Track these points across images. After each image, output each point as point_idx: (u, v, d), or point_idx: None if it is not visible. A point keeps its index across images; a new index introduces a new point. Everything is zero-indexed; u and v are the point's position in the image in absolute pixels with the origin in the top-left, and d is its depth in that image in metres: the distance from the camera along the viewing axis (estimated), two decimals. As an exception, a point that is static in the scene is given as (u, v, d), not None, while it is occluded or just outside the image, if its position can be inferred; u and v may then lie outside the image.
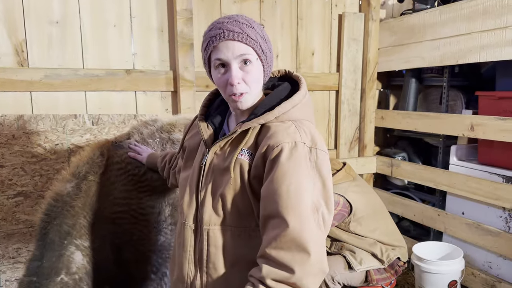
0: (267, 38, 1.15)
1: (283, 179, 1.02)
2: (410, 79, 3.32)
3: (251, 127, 1.13)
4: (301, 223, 1.00)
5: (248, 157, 1.12)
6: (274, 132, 1.09)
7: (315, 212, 1.04)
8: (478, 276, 2.69)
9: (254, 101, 1.17)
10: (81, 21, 2.47)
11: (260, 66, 1.14)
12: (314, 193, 1.05)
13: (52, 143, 2.37)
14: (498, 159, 2.62)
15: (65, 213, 1.55)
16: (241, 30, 1.08)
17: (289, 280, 0.98)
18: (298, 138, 1.07)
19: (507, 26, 2.37)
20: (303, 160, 1.05)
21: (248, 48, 1.09)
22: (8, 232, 2.32)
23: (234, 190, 1.12)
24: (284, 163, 1.03)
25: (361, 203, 2.33)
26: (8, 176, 2.28)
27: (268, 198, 1.04)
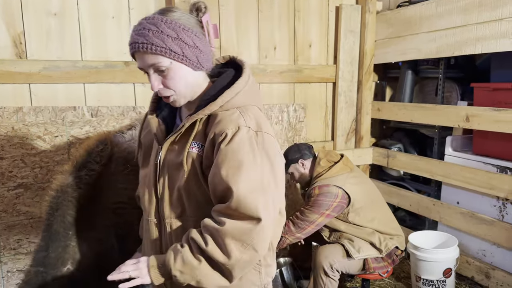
0: (184, 35, 1.09)
1: (223, 162, 1.06)
2: (406, 71, 3.35)
3: (198, 119, 1.14)
4: (247, 192, 1.05)
5: (198, 148, 1.14)
6: (219, 121, 1.11)
7: (263, 190, 1.08)
8: (473, 264, 2.75)
9: (191, 96, 1.17)
10: (79, 12, 2.46)
11: (180, 66, 1.11)
12: (263, 174, 1.09)
13: (52, 135, 2.37)
14: (493, 150, 2.67)
15: (68, 204, 1.56)
16: (146, 40, 1.05)
17: (218, 232, 1.06)
18: (242, 123, 1.10)
19: (503, 18, 2.40)
20: (247, 143, 1.08)
21: (156, 57, 1.07)
22: (9, 223, 2.33)
23: (190, 183, 1.15)
24: (226, 148, 1.07)
25: (359, 194, 2.36)
26: (8, 168, 2.28)
27: (213, 182, 1.09)
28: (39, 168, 2.36)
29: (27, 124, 2.32)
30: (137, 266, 1.11)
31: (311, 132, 3.36)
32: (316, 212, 2.28)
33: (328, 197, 2.29)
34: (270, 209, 1.09)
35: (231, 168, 1.05)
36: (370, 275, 2.44)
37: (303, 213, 2.31)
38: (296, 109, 3.17)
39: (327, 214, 2.29)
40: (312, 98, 3.32)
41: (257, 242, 1.06)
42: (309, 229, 2.30)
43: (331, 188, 2.30)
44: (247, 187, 1.05)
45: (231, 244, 1.04)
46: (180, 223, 1.18)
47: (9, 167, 2.29)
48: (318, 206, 2.28)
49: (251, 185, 1.06)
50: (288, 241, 2.33)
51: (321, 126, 3.42)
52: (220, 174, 1.06)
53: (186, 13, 1.14)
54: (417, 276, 2.64)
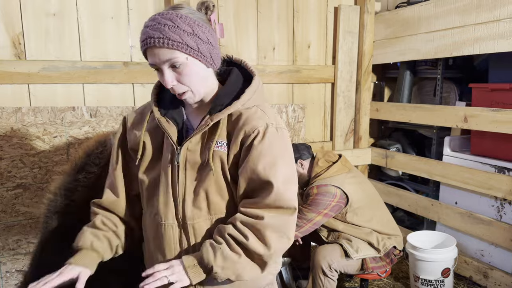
0: (199, 31, 1.09)
1: (259, 158, 1.12)
2: (404, 72, 3.35)
3: (222, 118, 1.15)
4: (283, 184, 1.12)
5: (224, 147, 1.16)
6: (247, 118, 1.15)
7: (293, 183, 1.18)
8: (471, 263, 2.76)
9: (204, 93, 1.17)
10: (78, 13, 2.47)
11: (195, 62, 1.11)
12: (290, 167, 1.18)
13: (51, 135, 2.38)
14: (491, 150, 2.68)
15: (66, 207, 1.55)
16: (162, 35, 1.04)
17: (257, 225, 1.11)
18: (268, 120, 1.16)
19: (501, 19, 2.41)
20: (276, 139, 1.15)
21: (173, 52, 1.06)
22: (8, 224, 2.33)
23: (216, 181, 1.16)
24: (260, 144, 1.12)
25: (357, 194, 2.37)
26: (7, 168, 2.29)
27: (246, 177, 1.13)
28: (38, 169, 2.36)
29: (26, 124, 2.32)
30: (173, 270, 1.11)
31: (310, 132, 3.37)
32: (314, 211, 2.29)
33: (326, 196, 2.29)
34: (297, 199, 1.18)
35: (268, 163, 1.11)
36: (368, 275, 2.45)
37: (301, 212, 2.31)
38: (295, 109, 3.18)
39: (325, 213, 2.30)
40: (311, 98, 3.33)
41: (290, 231, 1.15)
42: (306, 228, 2.31)
43: (330, 188, 2.31)
44: (283, 179, 1.12)
45: (271, 236, 1.10)
46: (203, 223, 1.18)
47: (8, 168, 2.29)
48: (316, 205, 2.29)
49: (285, 178, 1.13)
50: (285, 240, 2.34)
51: (320, 126, 3.43)
52: (257, 169, 1.11)
53: (196, 10, 1.15)
54: (415, 276, 2.65)
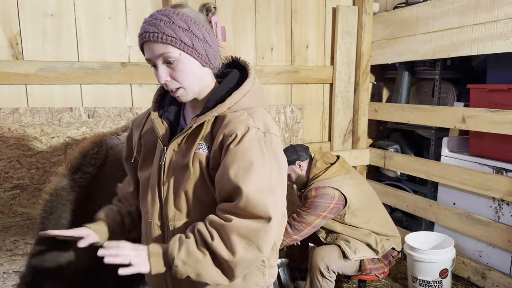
0: (195, 28, 1.09)
1: (233, 162, 1.06)
2: (403, 72, 3.36)
3: (205, 120, 1.14)
4: (256, 192, 1.04)
5: (205, 150, 1.14)
6: (228, 121, 1.12)
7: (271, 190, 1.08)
8: (469, 264, 2.76)
9: (198, 92, 1.17)
10: (76, 13, 2.46)
11: (189, 59, 1.11)
12: (271, 174, 1.09)
13: (48, 136, 2.37)
14: (489, 151, 2.68)
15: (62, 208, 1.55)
16: (157, 30, 1.06)
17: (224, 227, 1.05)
18: (251, 124, 1.10)
19: (498, 19, 2.41)
20: (256, 143, 1.09)
21: (166, 47, 1.07)
22: (5, 225, 2.33)
23: (196, 184, 1.14)
24: (236, 148, 1.07)
25: (355, 196, 2.37)
26: (4, 169, 2.28)
27: (221, 182, 1.09)
28: (36, 169, 2.36)
29: (23, 125, 2.31)
30: (137, 253, 1.06)
31: (308, 133, 3.37)
32: (313, 214, 2.28)
33: (324, 198, 2.29)
34: (277, 210, 1.09)
35: (241, 168, 1.05)
36: (366, 276, 2.45)
37: (299, 215, 2.31)
38: (293, 110, 3.18)
39: (324, 215, 2.29)
40: (309, 99, 3.33)
41: (262, 242, 1.06)
42: (306, 231, 2.31)
43: (328, 189, 2.31)
44: (257, 186, 1.05)
45: (236, 241, 1.03)
46: (184, 225, 1.17)
47: (5, 168, 2.28)
48: (314, 208, 2.28)
49: (261, 185, 1.06)
50: (284, 243, 2.34)
51: (318, 127, 3.43)
52: (228, 173, 1.06)
53: (197, 11, 1.16)
54: (413, 277, 2.65)
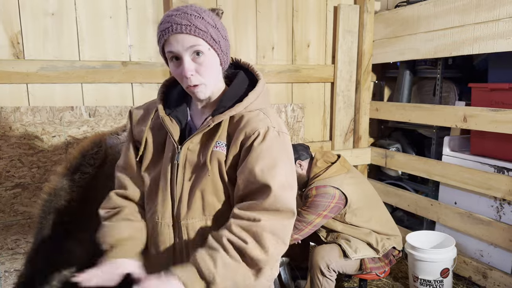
0: (220, 27, 1.14)
1: (258, 160, 1.10)
2: (404, 71, 3.35)
3: (223, 119, 1.16)
4: (281, 188, 1.09)
5: (223, 148, 1.16)
6: (248, 120, 1.15)
7: (292, 187, 1.14)
8: (470, 264, 2.76)
9: (213, 91, 1.18)
10: (76, 12, 2.46)
11: (214, 55, 1.13)
12: (289, 172, 1.14)
13: (49, 135, 2.38)
14: (490, 150, 2.67)
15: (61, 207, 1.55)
16: (189, 22, 1.07)
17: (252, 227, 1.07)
18: (269, 123, 1.15)
19: (500, 18, 2.40)
20: (275, 142, 1.13)
21: (197, 39, 1.08)
22: (7, 223, 2.34)
23: (213, 183, 1.15)
24: (260, 146, 1.11)
25: (356, 195, 2.36)
26: (5, 168, 2.29)
27: (244, 178, 1.11)
28: (37, 168, 2.36)
29: (24, 124, 2.32)
30: (170, 286, 0.99)
31: (309, 132, 3.36)
32: (313, 213, 2.28)
33: (325, 198, 2.29)
34: (295, 204, 1.15)
35: (266, 166, 1.09)
36: (367, 275, 2.45)
37: (300, 214, 2.31)
38: (294, 109, 3.18)
39: (324, 215, 2.29)
40: (310, 98, 3.33)
41: (286, 236, 1.11)
42: (306, 230, 2.30)
43: (328, 189, 2.30)
44: (281, 183, 1.09)
45: (268, 239, 1.06)
46: (197, 223, 1.17)
47: (7, 167, 2.29)
48: (315, 207, 2.28)
49: (284, 181, 1.10)
50: (285, 242, 2.33)
51: (319, 126, 3.43)
52: (255, 171, 1.09)
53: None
54: (414, 276, 2.65)
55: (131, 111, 1.35)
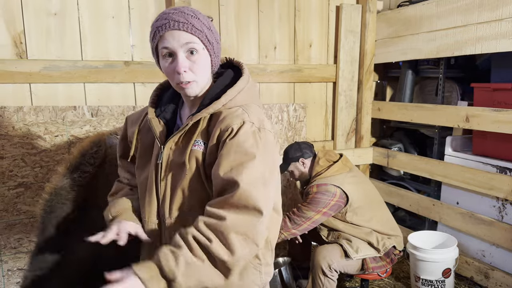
0: (213, 29, 1.17)
1: (228, 155, 1.08)
2: (406, 71, 3.34)
3: (201, 118, 1.16)
4: (250, 184, 1.05)
5: (202, 146, 1.16)
6: (224, 117, 1.14)
7: (265, 184, 1.09)
8: (472, 264, 2.75)
9: (202, 90, 1.20)
10: (79, 12, 2.47)
11: (207, 55, 1.16)
12: (265, 168, 1.10)
13: (52, 134, 2.39)
14: (492, 150, 2.67)
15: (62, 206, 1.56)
16: (186, 20, 1.10)
17: (219, 225, 1.03)
18: (246, 118, 1.13)
19: (503, 18, 2.39)
20: (251, 137, 1.11)
21: (193, 37, 1.11)
22: (10, 222, 2.35)
23: (192, 181, 1.16)
24: (231, 141, 1.10)
25: (357, 194, 2.37)
26: (8, 167, 2.30)
27: (216, 174, 1.09)
28: (40, 168, 2.37)
29: (27, 123, 2.33)
30: (129, 285, 0.98)
31: (311, 132, 3.36)
32: (313, 209, 2.29)
33: (326, 195, 2.29)
34: (269, 203, 1.11)
35: (236, 160, 1.07)
36: (369, 275, 2.45)
37: (300, 209, 2.32)
38: (296, 108, 3.18)
39: (324, 212, 2.30)
40: (312, 97, 3.33)
41: (257, 235, 1.06)
42: (304, 226, 2.31)
43: (329, 187, 2.31)
44: (251, 179, 1.06)
45: (234, 239, 1.02)
46: (180, 223, 1.18)
47: (10, 167, 2.30)
48: (315, 204, 2.29)
49: (255, 178, 1.07)
50: (283, 236, 2.34)
51: (321, 125, 3.43)
52: (224, 166, 1.07)
53: None
54: (416, 276, 2.65)
55: (127, 117, 1.42)
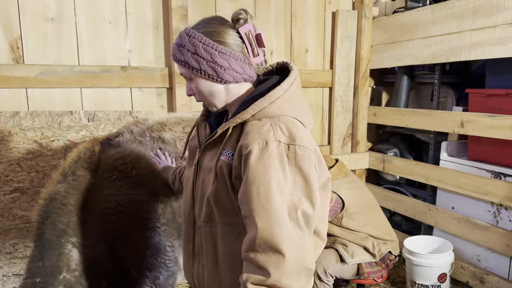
0: (201, 49, 1.12)
1: (253, 181, 1.02)
2: (402, 76, 3.36)
3: (229, 127, 1.12)
4: (271, 224, 0.99)
5: (229, 157, 1.12)
6: (247, 133, 1.08)
7: (292, 212, 1.01)
8: (467, 269, 2.76)
9: (218, 106, 1.20)
10: (76, 17, 2.48)
11: (202, 78, 1.15)
12: (294, 192, 1.03)
13: (48, 139, 2.38)
14: (487, 155, 2.68)
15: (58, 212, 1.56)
16: (173, 52, 1.17)
17: (266, 282, 0.97)
18: (271, 137, 1.05)
19: (497, 25, 2.42)
20: (276, 159, 1.03)
21: (182, 68, 1.17)
22: (5, 227, 2.34)
23: (218, 190, 1.15)
24: (253, 165, 1.02)
25: (353, 199, 2.37)
26: (4, 172, 2.29)
27: (242, 200, 1.05)
28: (36, 173, 2.37)
29: (23, 128, 2.32)
30: None
31: (308, 137, 3.37)
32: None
33: (322, 202, 2.29)
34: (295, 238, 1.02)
35: (260, 192, 1.01)
36: (364, 280, 2.45)
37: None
38: (292, 113, 3.18)
39: (321, 218, 2.30)
40: (309, 102, 3.34)
41: (307, 260, 1.02)
42: None
43: (326, 193, 2.31)
44: (271, 221, 0.99)
45: (291, 285, 0.98)
46: (209, 228, 1.19)
47: (5, 171, 2.30)
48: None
49: (275, 216, 0.99)
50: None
51: (318, 130, 3.44)
52: (248, 194, 1.02)
53: (223, 26, 1.18)
54: (412, 281, 2.65)
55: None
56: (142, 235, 1.72)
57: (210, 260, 1.20)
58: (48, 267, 1.49)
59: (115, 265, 1.65)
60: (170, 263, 1.78)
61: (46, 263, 1.49)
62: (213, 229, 1.18)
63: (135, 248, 1.71)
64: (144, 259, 1.73)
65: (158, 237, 1.75)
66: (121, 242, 1.66)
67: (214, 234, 1.18)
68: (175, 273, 1.81)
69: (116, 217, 1.65)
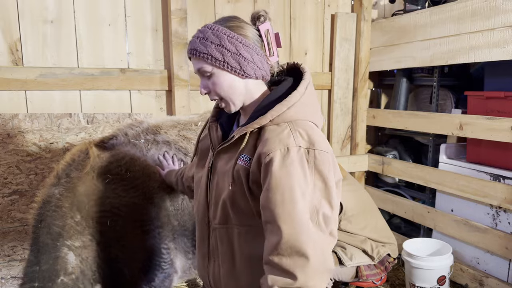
0: (226, 41, 1.11)
1: (277, 188, 1.03)
2: (401, 79, 3.37)
3: (247, 132, 1.12)
4: (296, 229, 1.01)
5: (246, 162, 1.12)
6: (267, 139, 1.08)
7: (314, 215, 1.03)
8: (466, 271, 2.76)
9: (238, 104, 1.18)
10: (75, 20, 2.49)
11: (224, 72, 1.14)
12: (314, 195, 1.04)
13: (47, 141, 2.39)
14: (486, 158, 2.68)
15: (53, 214, 1.55)
16: (192, 46, 1.14)
17: (293, 286, 1.00)
18: (292, 143, 1.06)
19: (495, 27, 2.42)
20: (298, 165, 1.04)
21: (200, 62, 1.14)
22: (4, 230, 2.34)
23: (235, 194, 1.15)
24: (276, 172, 1.03)
25: (351, 202, 2.37)
26: (3, 174, 2.29)
27: (265, 206, 1.06)
28: (34, 175, 2.37)
29: (22, 131, 2.33)
30: None
31: (307, 139, 3.37)
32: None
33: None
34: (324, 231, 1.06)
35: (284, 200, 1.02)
36: (363, 283, 2.45)
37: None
38: (291, 116, 3.18)
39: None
40: (308, 105, 3.34)
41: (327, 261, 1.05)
42: None
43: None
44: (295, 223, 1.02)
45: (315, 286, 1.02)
46: (225, 229, 1.20)
47: (4, 174, 2.30)
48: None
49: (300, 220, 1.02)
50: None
51: (317, 133, 3.43)
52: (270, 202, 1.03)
53: (243, 23, 1.17)
54: (411, 284, 2.65)
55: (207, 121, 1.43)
56: (137, 238, 1.71)
57: (227, 260, 1.21)
58: (45, 271, 1.49)
59: (110, 268, 1.65)
60: (165, 265, 1.77)
61: (43, 267, 1.49)
62: (229, 230, 1.20)
63: (130, 251, 1.71)
64: (140, 262, 1.72)
65: (153, 239, 1.75)
66: (116, 244, 1.66)
67: (230, 235, 1.20)
68: (170, 275, 1.81)
69: (110, 219, 1.65)
